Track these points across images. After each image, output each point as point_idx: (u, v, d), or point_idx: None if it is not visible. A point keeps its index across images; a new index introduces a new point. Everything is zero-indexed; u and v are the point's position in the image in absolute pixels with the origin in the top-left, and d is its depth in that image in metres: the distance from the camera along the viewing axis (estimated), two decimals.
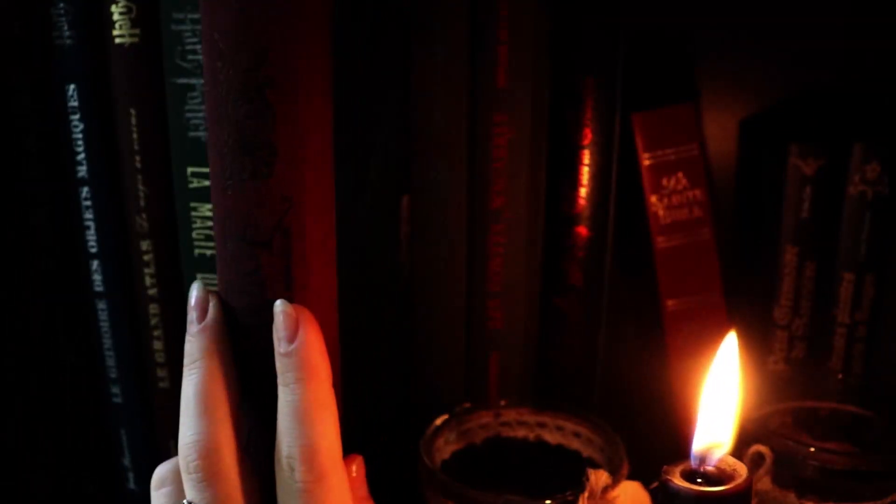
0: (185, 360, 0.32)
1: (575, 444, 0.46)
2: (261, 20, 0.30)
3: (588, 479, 0.38)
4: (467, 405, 0.46)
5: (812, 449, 0.42)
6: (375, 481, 0.36)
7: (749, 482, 0.27)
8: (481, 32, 0.44)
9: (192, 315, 0.33)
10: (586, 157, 0.48)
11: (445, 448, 0.45)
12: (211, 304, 0.33)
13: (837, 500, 0.41)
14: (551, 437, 0.46)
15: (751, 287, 0.52)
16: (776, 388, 0.51)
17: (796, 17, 0.52)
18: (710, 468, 0.28)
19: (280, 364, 0.31)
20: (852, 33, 0.52)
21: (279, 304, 0.32)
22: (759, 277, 0.52)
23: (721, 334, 0.49)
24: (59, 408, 0.47)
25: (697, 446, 0.29)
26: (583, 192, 0.48)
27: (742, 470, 0.28)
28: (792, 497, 0.42)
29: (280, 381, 0.31)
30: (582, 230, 0.48)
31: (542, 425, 0.46)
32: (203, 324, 0.32)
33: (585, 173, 0.48)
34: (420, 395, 0.48)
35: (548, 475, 0.45)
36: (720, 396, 0.30)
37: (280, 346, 0.31)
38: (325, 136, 0.33)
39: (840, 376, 0.51)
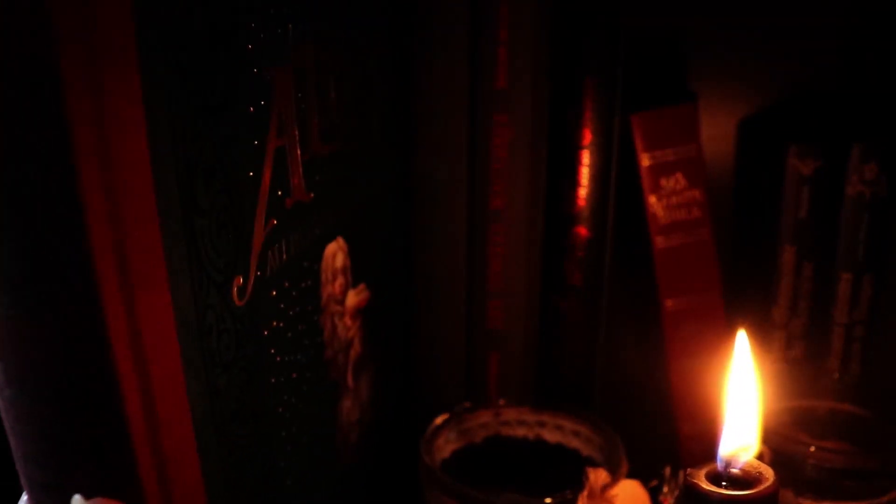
0: None
1: (574, 443, 0.46)
2: None
3: (587, 478, 0.38)
4: (467, 405, 0.47)
5: (811, 448, 0.42)
6: (375, 481, 0.36)
7: (776, 486, 0.26)
8: (481, 32, 0.44)
9: None
10: (586, 158, 0.48)
11: (446, 447, 0.45)
12: None
13: (834, 499, 0.42)
14: (551, 436, 0.46)
15: (749, 287, 0.52)
16: (774, 387, 0.51)
17: (796, 17, 0.52)
18: (735, 471, 0.27)
19: None
20: (852, 33, 0.52)
21: (73, 501, 0.23)
22: (758, 277, 0.52)
23: (720, 334, 0.49)
24: None
25: (725, 449, 0.28)
26: (582, 192, 0.48)
27: (768, 473, 0.27)
28: (789, 495, 0.42)
29: None
30: (582, 230, 0.49)
31: (541, 424, 0.46)
32: None
33: (585, 174, 0.48)
34: (420, 395, 0.48)
35: (547, 474, 0.45)
36: (742, 398, 0.30)
37: None
38: (139, 192, 0.21)
39: (836, 376, 0.51)
